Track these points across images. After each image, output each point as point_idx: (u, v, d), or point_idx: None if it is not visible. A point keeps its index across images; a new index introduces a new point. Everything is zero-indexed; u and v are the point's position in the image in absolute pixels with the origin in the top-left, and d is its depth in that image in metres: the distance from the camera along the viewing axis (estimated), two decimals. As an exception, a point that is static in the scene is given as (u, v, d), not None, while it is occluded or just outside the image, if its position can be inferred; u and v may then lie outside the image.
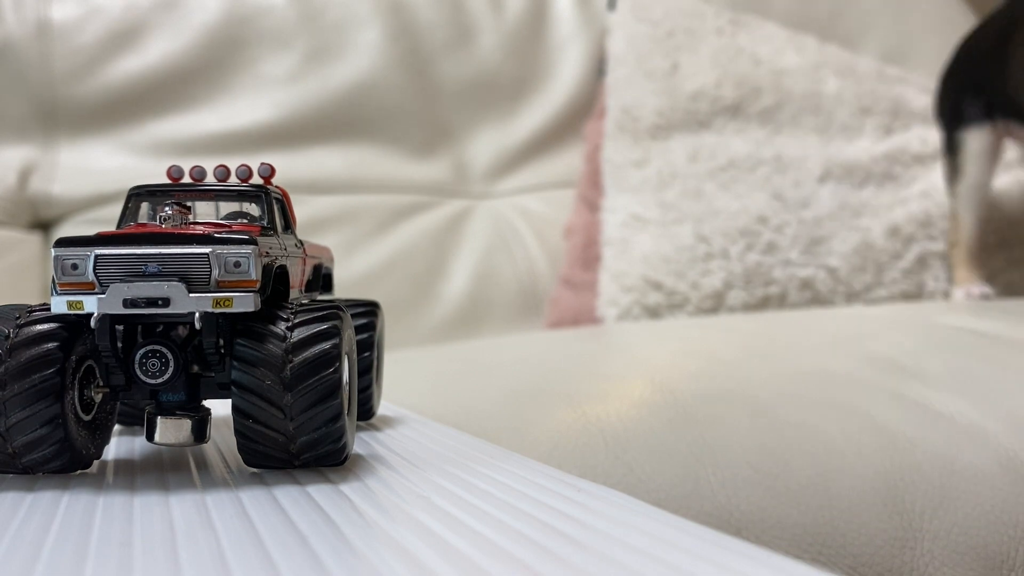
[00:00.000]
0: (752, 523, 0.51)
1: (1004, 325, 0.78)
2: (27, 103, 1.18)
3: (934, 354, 0.71)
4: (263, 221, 0.38)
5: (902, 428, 0.58)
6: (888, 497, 0.53)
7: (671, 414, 0.59)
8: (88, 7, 1.21)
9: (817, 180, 1.16)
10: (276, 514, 0.29)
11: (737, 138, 1.18)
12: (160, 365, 0.34)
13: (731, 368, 0.69)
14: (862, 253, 1.14)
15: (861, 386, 0.65)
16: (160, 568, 0.24)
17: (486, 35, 1.31)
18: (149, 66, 1.22)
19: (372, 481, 0.33)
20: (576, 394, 0.62)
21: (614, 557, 0.24)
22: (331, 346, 0.33)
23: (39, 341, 0.33)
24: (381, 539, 0.26)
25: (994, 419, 0.60)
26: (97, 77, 1.20)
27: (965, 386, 0.64)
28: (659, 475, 0.53)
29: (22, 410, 0.32)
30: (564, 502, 0.30)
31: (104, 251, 0.33)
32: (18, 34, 1.18)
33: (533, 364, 0.79)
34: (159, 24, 1.23)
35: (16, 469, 0.34)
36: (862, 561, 0.51)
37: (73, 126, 1.19)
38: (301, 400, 0.33)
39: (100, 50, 1.20)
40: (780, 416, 0.59)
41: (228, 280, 0.33)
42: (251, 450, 0.34)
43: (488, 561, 0.24)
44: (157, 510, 0.30)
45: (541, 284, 1.24)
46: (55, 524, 0.29)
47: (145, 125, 1.22)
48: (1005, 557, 0.53)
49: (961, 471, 0.55)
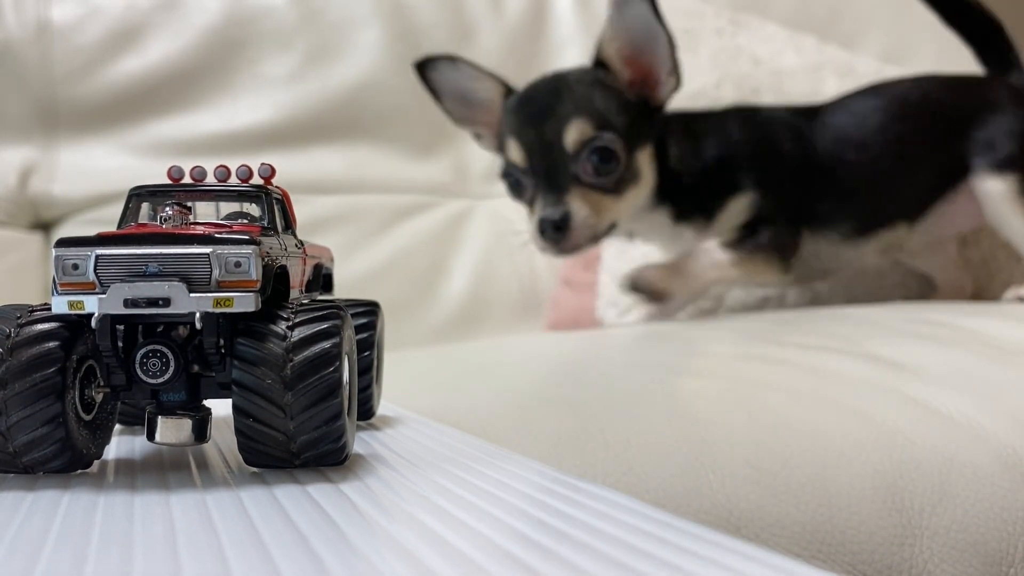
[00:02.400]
0: (751, 521, 0.51)
1: (1003, 324, 0.78)
2: (27, 103, 1.18)
3: (933, 352, 0.71)
4: (263, 221, 0.39)
5: (901, 426, 0.58)
6: (887, 494, 0.53)
7: (670, 413, 0.59)
8: (88, 7, 1.21)
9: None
10: (276, 513, 0.29)
11: (737, 138, 1.18)
12: (161, 365, 0.34)
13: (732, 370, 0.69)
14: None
15: (859, 384, 0.65)
16: (160, 567, 0.24)
17: (486, 35, 1.31)
18: (149, 66, 1.22)
19: (372, 480, 0.34)
20: (576, 393, 0.63)
21: (614, 557, 0.24)
22: (331, 345, 0.33)
23: (40, 340, 0.33)
24: (381, 538, 0.27)
25: (993, 417, 0.60)
26: (97, 77, 1.20)
27: (964, 384, 0.64)
28: (658, 474, 0.53)
29: (23, 409, 0.32)
30: (564, 501, 0.30)
31: (105, 251, 0.33)
32: (18, 34, 1.18)
33: (533, 364, 0.79)
34: (159, 24, 1.23)
35: (17, 468, 0.34)
36: (861, 559, 0.51)
37: (73, 126, 1.20)
38: (301, 399, 0.33)
39: (100, 50, 1.21)
40: (778, 414, 0.59)
41: (229, 280, 0.33)
42: (251, 449, 0.34)
43: (488, 560, 0.24)
44: (158, 510, 0.30)
45: (541, 284, 1.25)
46: (55, 523, 0.29)
47: (145, 125, 1.22)
48: (1004, 554, 0.53)
49: (960, 468, 0.56)
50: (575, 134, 0.89)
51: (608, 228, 0.93)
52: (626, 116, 0.91)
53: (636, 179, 0.92)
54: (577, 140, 0.89)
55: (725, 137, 0.99)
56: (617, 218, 0.93)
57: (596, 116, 0.90)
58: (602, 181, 0.90)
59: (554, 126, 0.90)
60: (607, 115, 0.90)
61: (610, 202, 0.91)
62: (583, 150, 0.89)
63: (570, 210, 0.89)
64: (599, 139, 0.89)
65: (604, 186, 0.90)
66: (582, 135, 0.89)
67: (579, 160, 0.89)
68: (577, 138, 0.89)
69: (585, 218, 0.89)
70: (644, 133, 0.93)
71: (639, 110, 0.92)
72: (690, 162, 0.96)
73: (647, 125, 0.93)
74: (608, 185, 0.90)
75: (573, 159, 0.89)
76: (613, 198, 0.91)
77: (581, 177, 0.90)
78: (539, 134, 0.91)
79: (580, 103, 0.90)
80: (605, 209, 0.91)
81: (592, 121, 0.90)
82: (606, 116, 0.90)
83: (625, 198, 0.92)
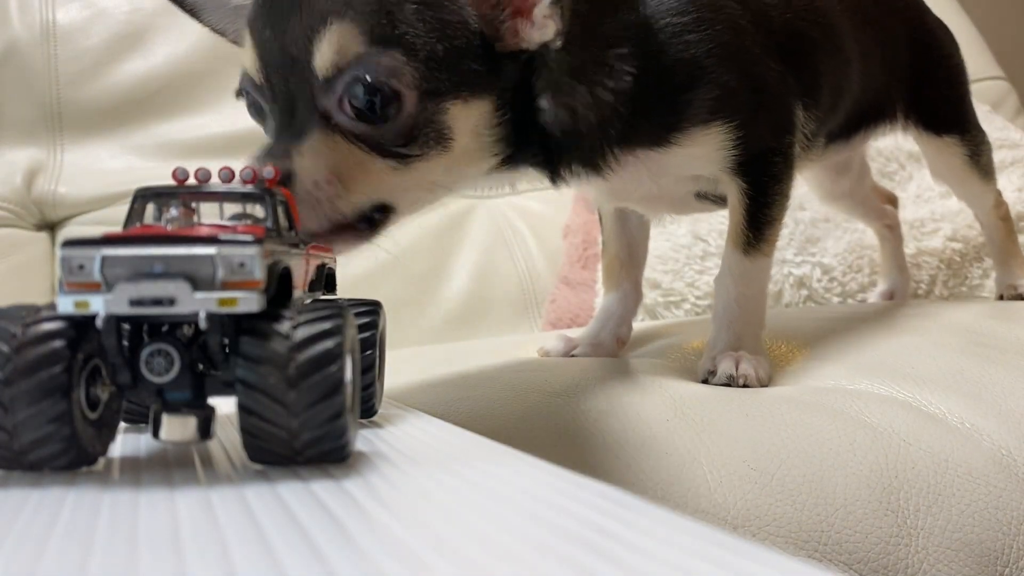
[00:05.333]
0: (747, 520, 0.52)
1: (996, 324, 0.79)
2: (33, 105, 1.19)
3: (926, 353, 0.71)
4: (267, 222, 0.39)
5: (895, 427, 0.58)
6: (883, 494, 0.54)
7: (669, 412, 0.60)
8: (93, 10, 1.22)
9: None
10: (280, 510, 0.29)
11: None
12: (166, 364, 0.34)
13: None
14: (856, 253, 1.14)
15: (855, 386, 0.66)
16: (165, 564, 0.25)
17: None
18: (154, 69, 1.22)
19: (374, 477, 0.34)
20: (576, 392, 0.63)
21: (614, 554, 0.24)
22: (334, 344, 0.34)
23: (46, 339, 0.33)
24: (383, 535, 0.27)
25: (986, 417, 0.60)
26: (102, 80, 1.20)
27: (957, 385, 0.64)
28: (656, 472, 0.53)
29: (29, 407, 0.33)
30: (564, 498, 0.30)
31: (110, 252, 0.33)
32: (24, 37, 1.19)
33: (533, 362, 0.79)
34: (164, 27, 1.23)
35: (22, 466, 0.34)
36: (857, 559, 0.52)
37: (79, 128, 1.20)
38: (304, 397, 0.33)
39: (105, 53, 1.21)
40: (775, 415, 0.59)
41: (233, 280, 0.33)
42: (255, 447, 0.34)
43: (488, 558, 0.24)
44: (162, 506, 0.30)
45: (540, 283, 1.25)
46: (61, 520, 0.29)
47: (150, 127, 1.22)
48: (999, 554, 0.54)
49: (954, 469, 0.56)
50: (329, 47, 0.54)
51: (373, 211, 0.58)
52: (443, 41, 0.56)
53: (439, 142, 0.57)
54: (331, 58, 0.54)
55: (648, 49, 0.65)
56: (391, 198, 0.58)
57: (374, 23, 0.54)
58: (368, 132, 0.56)
59: (301, 28, 0.55)
60: (398, 24, 0.55)
61: (378, 169, 0.57)
62: (340, 76, 0.55)
63: (293, 168, 0.54)
64: (367, 63, 0.54)
65: (371, 140, 0.56)
66: (340, 50, 0.54)
67: (332, 90, 0.55)
68: (331, 55, 0.54)
69: (316, 185, 0.54)
70: (475, 78, 0.58)
71: (475, 44, 0.57)
72: (592, 110, 0.63)
73: (487, 68, 0.58)
74: (379, 140, 0.56)
75: (324, 88, 0.55)
76: (386, 164, 0.57)
77: (336, 119, 0.56)
78: (279, 36, 0.56)
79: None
80: (364, 178, 0.56)
81: (363, 30, 0.54)
82: (395, 26, 0.55)
83: (412, 168, 0.57)
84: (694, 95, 0.66)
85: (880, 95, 0.91)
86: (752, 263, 0.72)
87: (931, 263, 1.15)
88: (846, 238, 1.16)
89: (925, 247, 1.16)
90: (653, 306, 1.11)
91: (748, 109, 0.68)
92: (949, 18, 1.38)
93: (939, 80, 0.98)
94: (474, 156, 0.60)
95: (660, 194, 0.75)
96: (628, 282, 0.86)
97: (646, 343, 0.86)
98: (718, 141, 0.68)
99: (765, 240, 0.72)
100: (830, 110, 0.82)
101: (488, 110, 0.59)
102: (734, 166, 0.70)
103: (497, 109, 0.59)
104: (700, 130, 0.67)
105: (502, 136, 0.60)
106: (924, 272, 1.15)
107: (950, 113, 0.98)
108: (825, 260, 1.13)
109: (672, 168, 0.70)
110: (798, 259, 1.13)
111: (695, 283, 1.11)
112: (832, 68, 0.81)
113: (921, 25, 0.99)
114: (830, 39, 0.81)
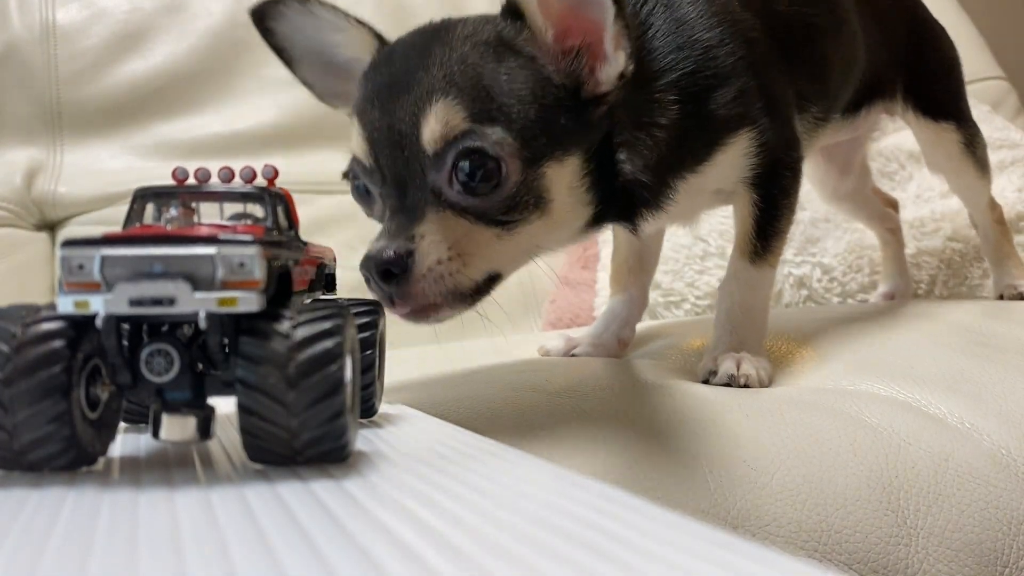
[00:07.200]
0: (748, 520, 0.52)
1: (996, 324, 0.79)
2: (33, 105, 1.19)
3: (926, 353, 0.71)
4: (267, 222, 0.39)
5: (895, 427, 0.58)
6: (883, 494, 0.54)
7: (669, 412, 0.60)
8: (93, 10, 1.22)
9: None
10: (279, 509, 0.29)
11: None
12: (166, 364, 0.34)
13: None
14: (856, 253, 1.14)
15: (855, 386, 0.66)
16: (165, 563, 0.25)
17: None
18: (153, 69, 1.22)
19: (374, 477, 0.34)
20: (576, 392, 0.63)
21: (614, 552, 0.24)
22: (334, 344, 0.34)
23: (46, 339, 0.33)
24: (383, 534, 0.27)
25: (986, 417, 0.61)
26: (102, 79, 1.21)
27: (957, 385, 0.64)
28: (656, 472, 0.53)
29: (29, 407, 0.33)
30: (563, 498, 0.30)
31: (110, 251, 0.33)
32: (24, 37, 1.19)
33: (533, 362, 0.79)
34: (163, 27, 1.23)
35: (22, 466, 0.34)
36: (857, 558, 0.52)
37: (78, 128, 1.20)
38: (304, 397, 0.33)
39: (105, 53, 1.21)
40: (776, 415, 0.59)
41: (233, 280, 0.33)
42: (255, 446, 0.34)
43: (488, 557, 0.24)
44: (162, 506, 0.30)
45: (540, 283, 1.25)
46: (61, 520, 0.29)
47: (150, 127, 1.22)
48: (999, 553, 0.54)
49: (954, 469, 0.56)
50: (435, 125, 0.56)
51: (488, 282, 0.60)
52: (537, 105, 0.58)
53: (538, 206, 0.59)
54: (438, 135, 0.56)
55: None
56: (502, 267, 0.60)
57: (477, 98, 0.57)
58: (475, 204, 0.57)
59: (409, 107, 0.57)
60: (498, 99, 0.57)
61: (486, 239, 0.58)
62: (448, 152, 0.56)
63: (415, 248, 0.56)
64: (472, 137, 0.56)
65: (478, 211, 0.57)
66: (446, 127, 0.56)
67: (442, 167, 0.57)
68: (439, 131, 0.56)
69: (439, 263, 0.56)
70: (566, 136, 0.59)
71: (565, 98, 0.59)
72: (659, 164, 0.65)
73: (574, 124, 0.59)
74: (485, 210, 0.57)
75: (434, 164, 0.57)
76: (491, 233, 0.58)
77: (445, 195, 0.57)
78: (387, 117, 0.58)
79: (455, 73, 0.57)
80: (477, 250, 0.58)
81: (466, 105, 0.56)
82: (495, 100, 0.57)
83: (515, 234, 0.59)
84: (725, 109, 0.68)
85: (881, 71, 0.93)
86: (758, 272, 0.73)
87: (931, 263, 1.15)
88: (846, 238, 1.16)
89: (925, 247, 1.16)
90: (653, 306, 1.11)
91: (765, 116, 0.70)
92: (949, 18, 1.38)
93: (935, 67, 1.00)
94: (570, 215, 0.62)
95: (685, 212, 0.77)
96: (635, 287, 0.87)
97: (646, 343, 0.86)
98: (743, 147, 0.69)
99: (771, 251, 0.74)
100: (841, 85, 0.86)
101: (579, 165, 0.60)
102: (751, 176, 0.72)
103: (586, 163, 0.61)
104: (730, 139, 0.69)
105: (591, 190, 0.61)
106: (924, 272, 1.15)
107: (946, 100, 1.00)
108: (825, 260, 1.14)
109: (707, 184, 0.71)
110: (798, 259, 1.13)
111: (695, 283, 1.11)
112: (839, 47, 0.84)
113: (916, 15, 1.01)
114: (835, 20, 0.84)
